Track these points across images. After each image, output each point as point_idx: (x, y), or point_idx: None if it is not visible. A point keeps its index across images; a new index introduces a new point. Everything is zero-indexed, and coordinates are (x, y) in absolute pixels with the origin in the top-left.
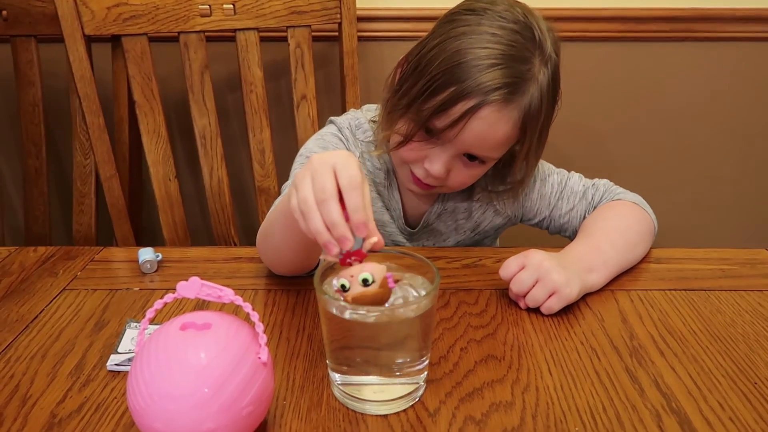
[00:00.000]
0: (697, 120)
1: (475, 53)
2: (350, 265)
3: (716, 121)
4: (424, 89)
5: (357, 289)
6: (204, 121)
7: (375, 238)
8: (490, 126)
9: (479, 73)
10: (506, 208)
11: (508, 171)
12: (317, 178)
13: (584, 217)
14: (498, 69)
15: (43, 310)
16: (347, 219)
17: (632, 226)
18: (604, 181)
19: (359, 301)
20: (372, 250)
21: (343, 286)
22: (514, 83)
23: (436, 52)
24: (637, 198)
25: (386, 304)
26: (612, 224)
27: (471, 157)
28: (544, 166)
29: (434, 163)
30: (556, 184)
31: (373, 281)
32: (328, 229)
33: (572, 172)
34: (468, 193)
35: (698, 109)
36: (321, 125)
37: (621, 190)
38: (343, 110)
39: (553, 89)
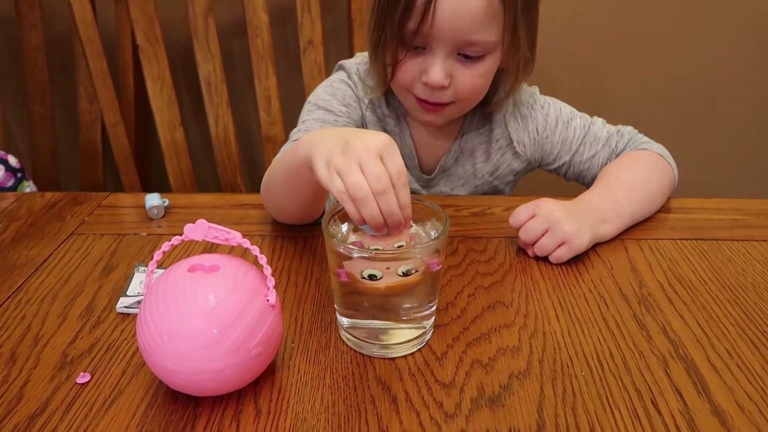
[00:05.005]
0: (715, 68)
1: None
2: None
3: (735, 69)
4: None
5: (394, 279)
6: (209, 67)
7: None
8: (458, 1)
9: None
10: (526, 150)
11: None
12: (369, 166)
13: (605, 165)
14: None
15: (52, 253)
16: None
17: (653, 179)
18: (629, 128)
19: (394, 290)
20: None
21: (377, 249)
22: None
23: None
24: (662, 149)
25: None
26: (633, 176)
27: (467, 57)
28: (566, 109)
29: (430, 70)
30: (578, 129)
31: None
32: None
33: (595, 117)
34: (487, 131)
35: (716, 57)
36: (328, 72)
37: (646, 139)
38: (350, 56)
39: None
